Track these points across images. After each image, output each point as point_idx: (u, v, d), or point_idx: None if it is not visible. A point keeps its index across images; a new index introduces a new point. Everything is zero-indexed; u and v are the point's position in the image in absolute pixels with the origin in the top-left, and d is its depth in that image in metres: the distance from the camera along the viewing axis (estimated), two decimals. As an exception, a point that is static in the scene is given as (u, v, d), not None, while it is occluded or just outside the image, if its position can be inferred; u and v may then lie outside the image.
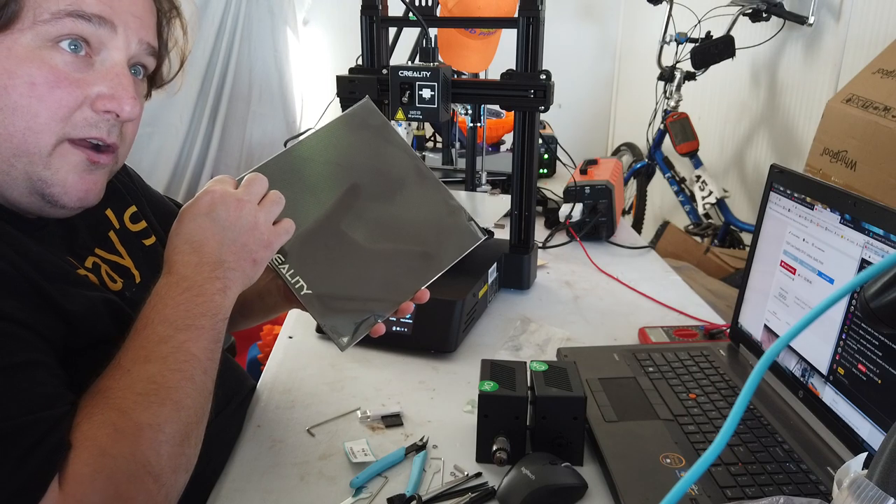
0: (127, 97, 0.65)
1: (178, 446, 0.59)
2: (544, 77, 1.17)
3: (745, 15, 2.38)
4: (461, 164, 1.97)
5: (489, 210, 1.42)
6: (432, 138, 2.29)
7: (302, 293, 0.77)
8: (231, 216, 0.68)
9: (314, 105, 3.58)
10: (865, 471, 0.40)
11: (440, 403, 0.93)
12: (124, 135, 0.69)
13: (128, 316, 0.69)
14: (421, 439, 0.83)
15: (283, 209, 0.73)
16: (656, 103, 2.85)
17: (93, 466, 0.55)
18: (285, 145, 1.67)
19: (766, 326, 0.95)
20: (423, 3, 1.26)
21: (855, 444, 0.75)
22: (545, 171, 2.15)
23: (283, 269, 0.77)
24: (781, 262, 0.92)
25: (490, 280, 1.21)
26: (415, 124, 2.07)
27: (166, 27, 0.75)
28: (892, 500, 0.37)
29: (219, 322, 0.66)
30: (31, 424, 0.54)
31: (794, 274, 0.89)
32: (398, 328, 1.03)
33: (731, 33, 2.45)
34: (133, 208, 0.83)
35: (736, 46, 2.44)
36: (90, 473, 0.54)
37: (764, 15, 2.33)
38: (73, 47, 0.62)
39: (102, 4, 0.62)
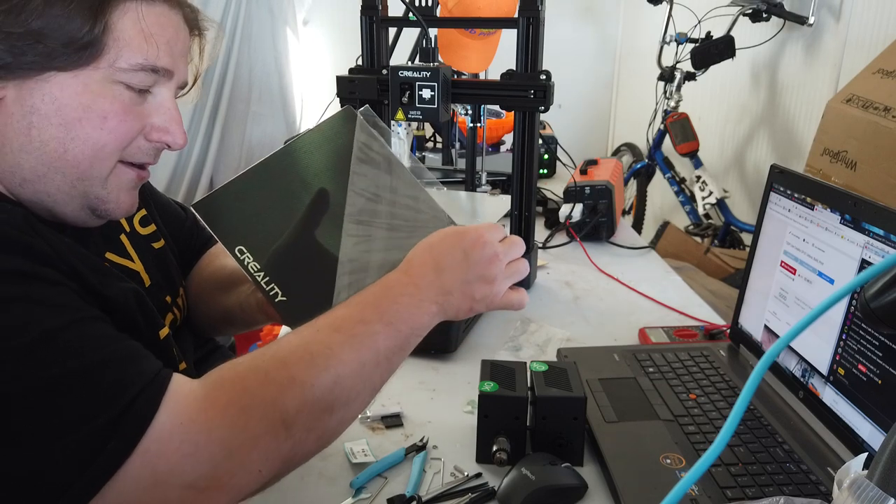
0: (179, 131, 0.70)
1: (319, 412, 0.61)
2: (544, 77, 1.17)
3: (745, 15, 2.38)
4: (461, 164, 1.97)
5: (489, 210, 1.42)
6: (432, 138, 2.29)
7: (276, 301, 0.75)
8: (481, 264, 0.71)
9: (314, 105, 3.58)
10: (866, 471, 0.40)
11: (440, 404, 0.93)
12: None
13: (151, 309, 0.71)
14: (421, 440, 0.83)
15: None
16: (656, 103, 2.85)
17: (229, 397, 0.57)
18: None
19: (766, 327, 0.95)
20: (423, 3, 1.26)
21: (855, 444, 0.75)
22: (545, 171, 2.15)
23: (259, 276, 0.76)
24: (781, 262, 0.92)
25: (490, 280, 1.21)
26: (415, 125, 2.07)
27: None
28: (892, 500, 0.37)
29: (413, 337, 0.69)
30: (124, 352, 0.57)
31: (794, 274, 0.89)
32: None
33: (731, 33, 2.45)
34: (142, 212, 0.84)
35: (736, 46, 2.43)
36: (225, 403, 0.57)
37: (764, 15, 2.32)
38: None
39: (169, 58, 0.67)
